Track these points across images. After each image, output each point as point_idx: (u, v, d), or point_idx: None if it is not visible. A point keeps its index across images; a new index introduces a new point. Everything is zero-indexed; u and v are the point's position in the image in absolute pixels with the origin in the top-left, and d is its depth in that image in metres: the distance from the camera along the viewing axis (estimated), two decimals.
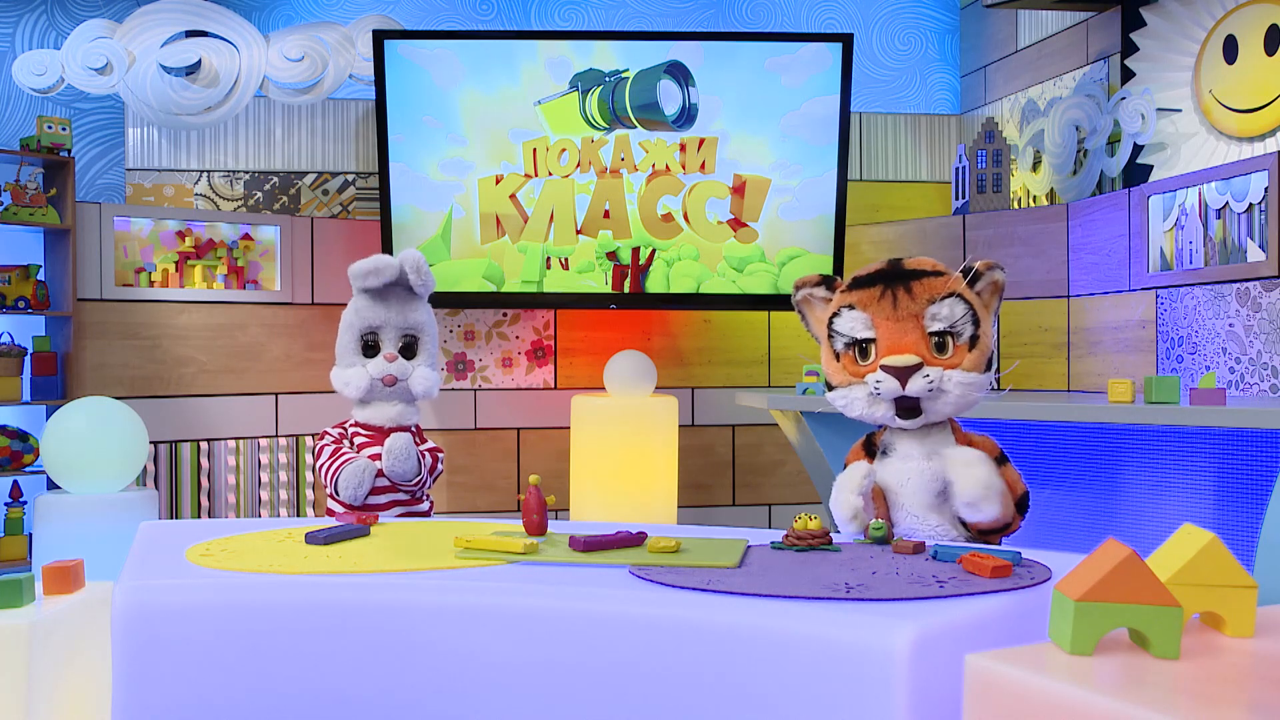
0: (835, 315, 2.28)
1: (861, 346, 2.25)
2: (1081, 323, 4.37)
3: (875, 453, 2.35)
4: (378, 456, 3.02)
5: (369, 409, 3.11)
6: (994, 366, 2.31)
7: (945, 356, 2.19)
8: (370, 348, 3.10)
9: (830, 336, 2.30)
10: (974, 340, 2.20)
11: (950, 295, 2.18)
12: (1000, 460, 2.30)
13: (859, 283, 2.27)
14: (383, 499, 3.02)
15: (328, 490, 3.04)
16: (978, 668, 1.23)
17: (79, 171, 4.97)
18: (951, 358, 2.19)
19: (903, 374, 2.18)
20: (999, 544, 2.29)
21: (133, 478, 3.89)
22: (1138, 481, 3.51)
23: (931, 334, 2.19)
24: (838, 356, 2.30)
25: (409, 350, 3.13)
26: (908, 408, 2.22)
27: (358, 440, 3.09)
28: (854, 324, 2.24)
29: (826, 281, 2.35)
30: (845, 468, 2.37)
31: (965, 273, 2.22)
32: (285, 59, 4.84)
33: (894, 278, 2.22)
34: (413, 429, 3.14)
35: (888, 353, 2.20)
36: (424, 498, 3.13)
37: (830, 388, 2.34)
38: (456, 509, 5.09)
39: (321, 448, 3.09)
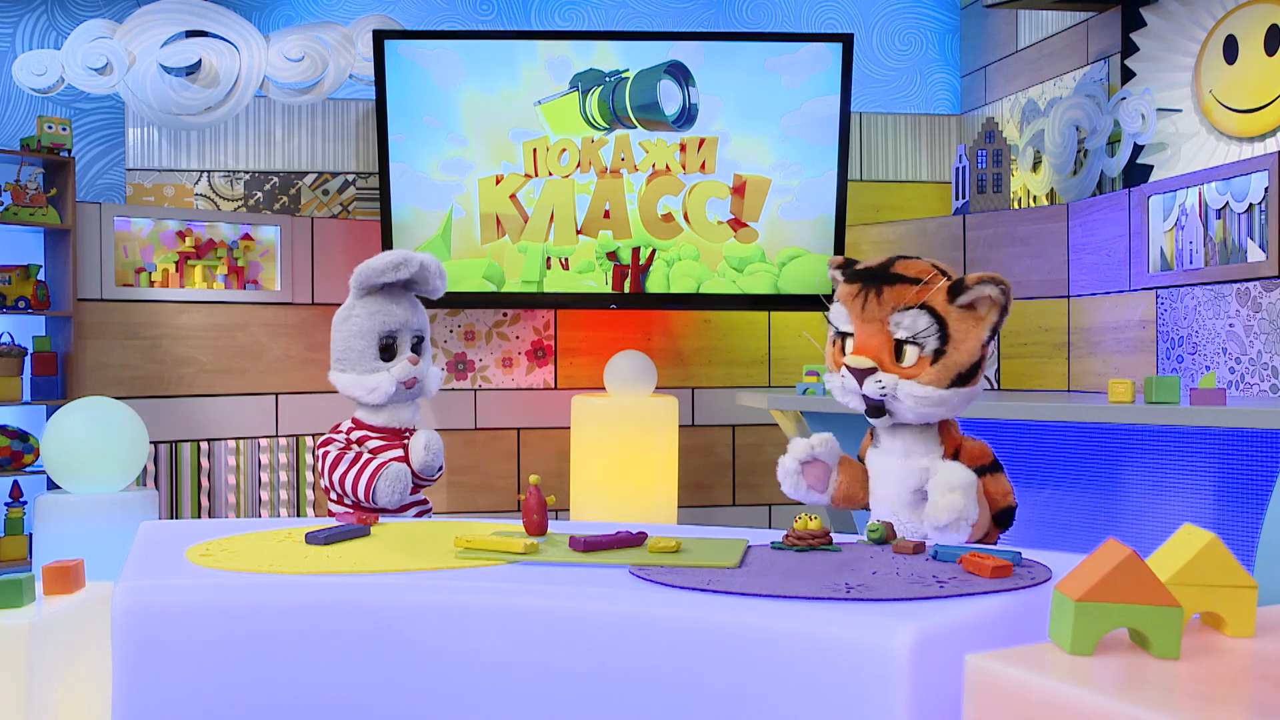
0: (833, 303, 2.33)
1: (845, 338, 2.28)
2: (1081, 323, 4.37)
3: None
4: (400, 460, 2.97)
5: (385, 413, 2.99)
6: (976, 380, 2.26)
7: (904, 365, 2.19)
8: (386, 350, 3.00)
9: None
10: (939, 354, 2.18)
11: (914, 307, 2.17)
12: (991, 469, 2.28)
13: (850, 276, 2.30)
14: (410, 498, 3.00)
15: (349, 499, 2.89)
16: (978, 668, 1.23)
17: (79, 171, 4.97)
18: (909, 368, 2.18)
19: (857, 375, 2.21)
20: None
21: (133, 478, 3.89)
22: (1138, 481, 3.51)
23: (897, 340, 2.19)
24: (834, 342, 2.33)
25: (417, 350, 3.08)
26: (874, 406, 2.24)
27: (370, 444, 2.97)
28: (838, 316, 2.30)
29: (846, 265, 2.36)
30: (857, 457, 2.40)
31: (955, 287, 2.18)
32: (285, 59, 4.84)
33: (872, 279, 2.23)
34: (414, 427, 3.12)
35: (854, 351, 2.24)
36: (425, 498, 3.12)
37: None
38: (456, 509, 5.09)
39: (337, 458, 2.92)
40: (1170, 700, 1.10)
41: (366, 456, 2.91)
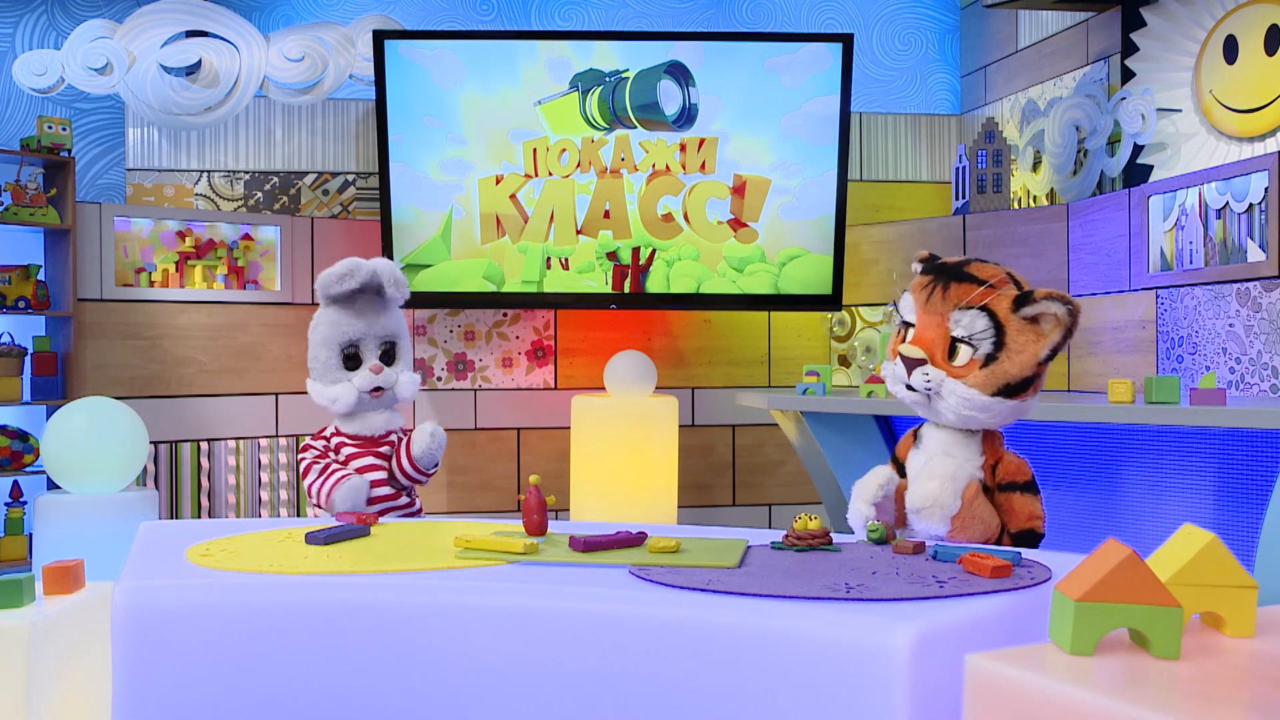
0: (904, 292, 2.33)
1: (908, 328, 2.28)
2: (1081, 323, 4.36)
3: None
4: (369, 469, 2.98)
5: (356, 421, 3.01)
6: (1026, 395, 2.24)
7: (955, 364, 2.19)
8: (351, 359, 3.00)
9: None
10: (990, 359, 2.17)
11: (975, 307, 2.16)
12: (1024, 488, 2.26)
13: (926, 269, 2.30)
14: (377, 507, 2.99)
15: (313, 503, 2.94)
16: (978, 668, 1.23)
17: (79, 171, 4.97)
18: (959, 367, 2.18)
19: (908, 364, 2.21)
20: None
21: (133, 478, 3.89)
22: (1138, 481, 3.51)
23: (953, 338, 2.19)
24: (898, 331, 2.33)
25: (388, 356, 3.06)
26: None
27: (345, 452, 2.99)
28: (905, 306, 2.30)
29: (929, 259, 2.35)
30: (892, 456, 2.39)
31: (1022, 297, 2.17)
32: (285, 59, 4.84)
33: (944, 273, 2.24)
34: (398, 432, 3.11)
35: (911, 341, 2.24)
36: (414, 499, 3.11)
37: None
38: (456, 509, 5.09)
39: (308, 466, 2.97)
40: (1170, 700, 1.10)
41: (334, 466, 2.94)
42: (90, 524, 3.70)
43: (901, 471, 2.35)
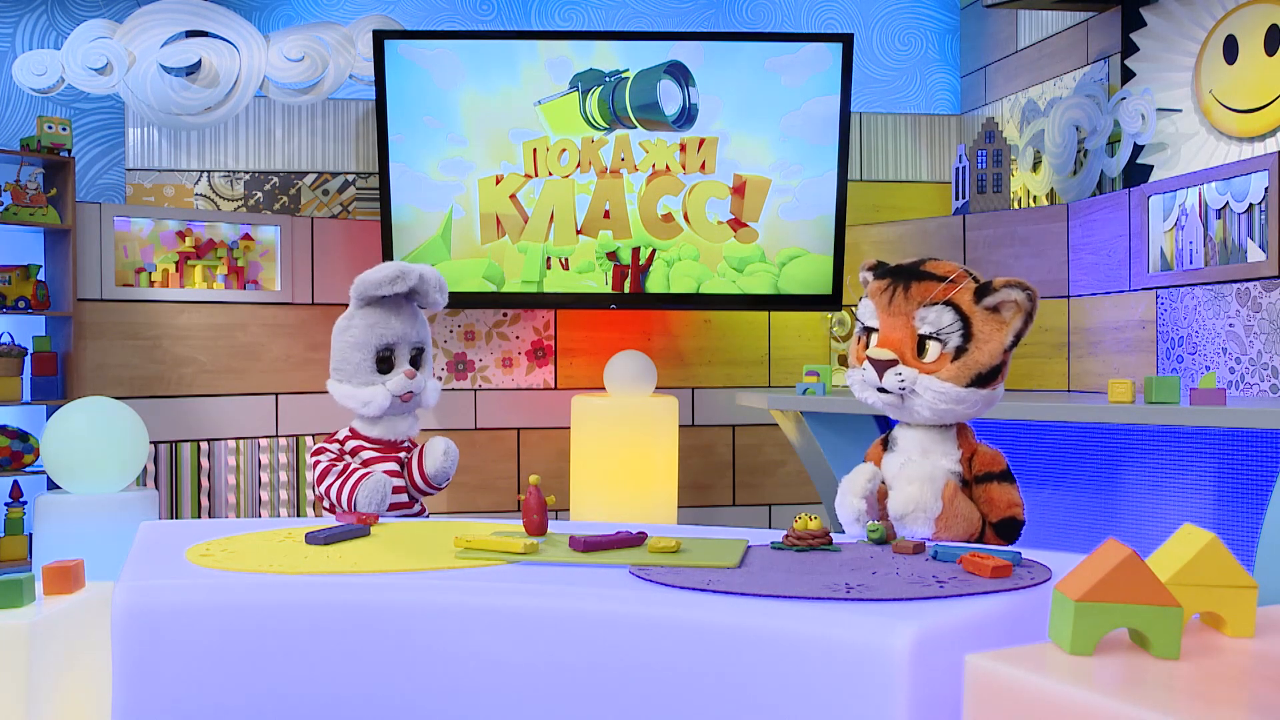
0: (861, 299, 2.36)
1: (871, 333, 2.30)
2: (1081, 323, 4.37)
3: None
4: (393, 473, 2.96)
5: (381, 425, 2.99)
6: (996, 384, 2.26)
7: (925, 360, 2.21)
8: (383, 362, 2.96)
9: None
10: (960, 351, 2.20)
11: (940, 303, 2.19)
12: (1000, 477, 2.28)
13: (879, 273, 2.34)
14: (395, 514, 2.99)
15: (326, 506, 2.91)
16: (978, 668, 1.23)
17: (79, 171, 4.97)
18: (930, 363, 2.21)
19: (878, 367, 2.23)
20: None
21: (133, 478, 3.89)
22: (1138, 481, 3.51)
23: (921, 336, 2.21)
24: (859, 339, 2.35)
25: (415, 362, 3.05)
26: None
27: (364, 455, 2.97)
28: (865, 312, 2.32)
29: (878, 266, 2.38)
30: (864, 462, 2.39)
31: (982, 288, 2.21)
32: (285, 59, 4.84)
33: (901, 275, 2.27)
34: (410, 440, 3.10)
35: (877, 344, 2.26)
36: (423, 506, 3.11)
37: None
38: (456, 509, 5.09)
39: (325, 470, 2.92)
40: (1170, 700, 1.10)
41: (354, 467, 2.91)
42: (90, 524, 3.70)
43: None
